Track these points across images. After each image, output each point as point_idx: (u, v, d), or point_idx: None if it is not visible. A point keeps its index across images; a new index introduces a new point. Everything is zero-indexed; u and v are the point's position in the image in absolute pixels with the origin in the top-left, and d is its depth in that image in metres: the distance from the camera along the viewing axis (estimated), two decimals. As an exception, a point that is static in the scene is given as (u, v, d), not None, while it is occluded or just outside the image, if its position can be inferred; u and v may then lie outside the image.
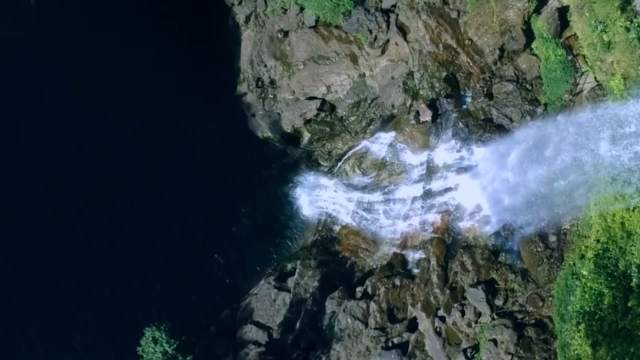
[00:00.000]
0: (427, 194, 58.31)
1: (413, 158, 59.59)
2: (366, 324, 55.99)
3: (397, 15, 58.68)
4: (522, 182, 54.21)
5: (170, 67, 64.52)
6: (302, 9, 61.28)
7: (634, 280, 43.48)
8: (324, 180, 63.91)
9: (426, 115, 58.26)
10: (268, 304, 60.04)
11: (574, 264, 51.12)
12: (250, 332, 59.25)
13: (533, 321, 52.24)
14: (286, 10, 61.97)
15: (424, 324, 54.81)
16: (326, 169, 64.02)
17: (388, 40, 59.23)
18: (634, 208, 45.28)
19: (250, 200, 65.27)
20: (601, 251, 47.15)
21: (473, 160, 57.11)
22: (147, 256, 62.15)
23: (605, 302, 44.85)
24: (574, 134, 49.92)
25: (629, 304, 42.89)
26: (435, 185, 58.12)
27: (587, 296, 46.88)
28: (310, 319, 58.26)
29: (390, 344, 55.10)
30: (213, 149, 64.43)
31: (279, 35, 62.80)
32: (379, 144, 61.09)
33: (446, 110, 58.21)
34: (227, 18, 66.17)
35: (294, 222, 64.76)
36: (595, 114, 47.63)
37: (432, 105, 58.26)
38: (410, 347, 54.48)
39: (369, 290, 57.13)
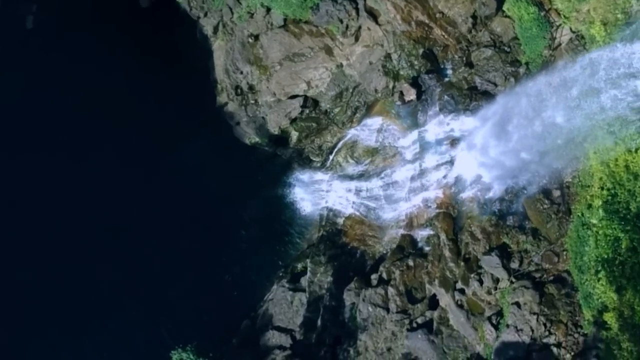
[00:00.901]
0: (425, 172, 58.45)
1: (404, 139, 59.66)
2: (387, 310, 56.08)
3: (365, 0, 58.68)
4: (517, 143, 54.46)
5: (148, 93, 64.43)
6: (268, 10, 61.19)
7: (650, 221, 43.85)
8: (318, 175, 63.89)
9: (410, 94, 58.44)
10: (285, 307, 60.00)
11: (582, 214, 51.55)
12: (273, 337, 59.17)
13: (552, 278, 52.57)
14: (253, 14, 61.86)
15: (445, 299, 55.02)
16: (319, 164, 64.02)
17: (360, 27, 59.31)
18: (637, 149, 45.63)
19: (248, 208, 64.99)
20: (609, 197, 47.52)
21: (465, 130, 57.28)
22: (151, 280, 61.78)
23: (623, 246, 45.21)
24: (561, 86, 50.22)
25: (648, 243, 43.17)
26: (431, 161, 58.27)
27: (602, 244, 47.26)
28: (331, 314, 58.23)
29: (414, 325, 55.24)
30: (203, 163, 64.22)
31: (250, 40, 62.70)
32: (368, 130, 61.14)
33: (429, 86, 58.43)
34: (195, 32, 65.89)
35: (296, 222, 64.64)
36: (581, 64, 47.94)
37: (415, 83, 58.48)
38: (435, 324, 54.66)
39: (384, 275, 57.22)
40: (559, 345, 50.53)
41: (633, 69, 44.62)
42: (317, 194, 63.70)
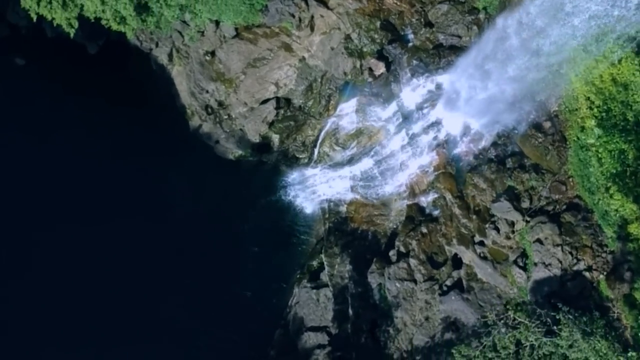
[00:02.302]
0: (413, 139, 58.71)
1: (384, 112, 59.87)
2: (415, 281, 56.30)
3: (311, -12, 59.01)
4: (496, 88, 54.95)
5: (118, 135, 63.74)
6: (217, 23, 60.94)
7: (650, 124, 44.42)
8: (309, 171, 63.93)
9: (379, 68, 58.71)
10: (313, 306, 60.01)
11: (578, 138, 52.26)
12: (309, 338, 59.16)
13: (565, 207, 53.18)
14: (203, 32, 61.59)
15: (467, 255, 55.39)
16: (306, 160, 64.01)
17: (312, 17, 59.43)
18: (620, 60, 46.18)
19: (248, 222, 64.53)
20: (603, 114, 48.09)
21: (441, 88, 57.59)
22: (173, 316, 61.23)
23: (631, 157, 45.78)
24: (526, 22, 50.71)
25: (655, 147, 43.73)
26: (417, 127, 58.54)
27: (608, 160, 47.80)
28: (360, 301, 58.37)
29: (445, 288, 55.54)
30: (193, 189, 64.01)
31: (207, 58, 62.49)
32: (346, 114, 61.27)
33: (395, 55, 58.68)
34: (150, 65, 65.36)
35: (299, 222, 64.61)
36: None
37: (381, 56, 58.74)
38: (464, 282, 55.01)
39: (402, 249, 57.41)
40: (589, 269, 51.15)
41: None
42: (312, 189, 63.75)
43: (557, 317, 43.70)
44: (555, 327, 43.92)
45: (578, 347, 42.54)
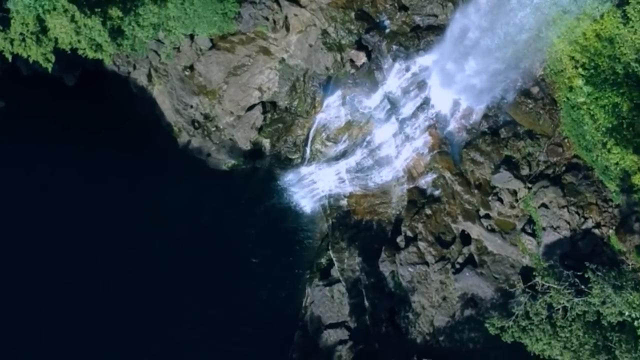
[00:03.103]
0: (404, 123, 58.77)
1: (371, 102, 59.96)
2: (427, 263, 56.45)
3: (281, -10, 58.99)
4: (479, 60, 55.17)
5: (108, 163, 63.65)
6: (192, 37, 60.77)
7: (641, 73, 44.68)
8: (304, 170, 63.90)
9: (360, 58, 58.83)
10: (328, 303, 60.01)
11: (568, 98, 52.59)
12: (329, 336, 59.19)
13: (564, 168, 53.58)
14: (179, 48, 61.43)
15: (474, 230, 55.61)
16: (299, 160, 63.96)
17: (286, 17, 59.48)
18: (602, 15, 46.45)
19: (250, 230, 64.35)
20: (592, 70, 48.35)
21: (425, 69, 57.72)
22: (190, 330, 61.23)
23: (625, 109, 46.08)
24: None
25: (651, 95, 44.02)
26: (406, 111, 58.64)
27: (602, 115, 48.11)
28: (375, 291, 58.45)
29: (457, 266, 55.76)
30: (191, 205, 63.60)
31: (187, 73, 62.34)
32: (332, 109, 61.33)
33: (374, 43, 58.76)
34: (130, 88, 65.01)
35: (302, 223, 64.57)
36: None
37: (360, 46, 58.81)
38: (476, 257, 55.27)
39: (409, 233, 57.54)
40: (598, 225, 51.56)
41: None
42: (309, 187, 63.76)
43: (586, 275, 43.86)
44: (584, 287, 44.08)
45: (611, 302, 42.71)
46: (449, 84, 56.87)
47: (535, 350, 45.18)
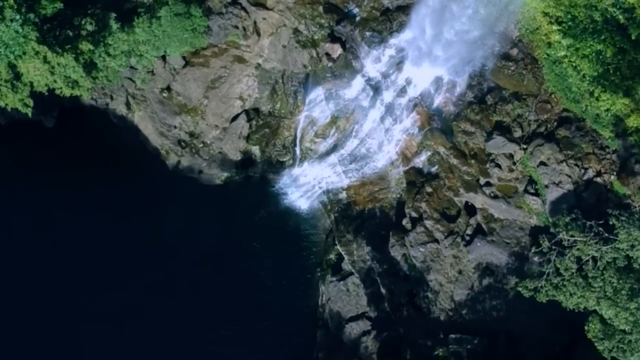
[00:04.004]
0: (390, 107, 58.88)
1: (353, 91, 60.03)
2: (437, 241, 56.66)
3: (246, -4, 58.92)
4: (453, 32, 55.43)
5: (101, 196, 63.18)
6: (164, 58, 60.48)
7: (620, 17, 44.86)
8: (297, 170, 63.94)
9: (336, 50, 58.95)
10: (345, 297, 60.06)
11: (548, 54, 52.99)
12: (352, 329, 59.30)
13: (556, 124, 54.00)
14: (152, 71, 61.08)
15: (478, 200, 55.85)
16: (291, 161, 63.93)
17: (255, 22, 59.40)
18: (571, -32, 46.80)
19: (254, 240, 64.07)
20: (569, 23, 48.59)
21: (401, 50, 57.81)
22: (208, 342, 61.26)
23: (609, 54, 46.33)
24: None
25: (633, 38, 44.21)
26: (389, 94, 58.77)
27: (585, 65, 48.45)
28: (389, 277, 58.61)
29: (467, 238, 56.03)
30: (190, 226, 63.38)
31: (165, 95, 62.02)
32: (316, 105, 61.40)
33: (347, 33, 58.85)
34: (110, 119, 64.52)
35: (304, 223, 64.59)
36: None
37: (334, 38, 58.86)
38: (484, 226, 55.54)
39: (414, 214, 57.72)
40: (599, 174, 52.01)
41: None
42: (306, 186, 63.78)
43: (610, 222, 44.18)
44: (609, 235, 44.36)
45: None
46: (427, 61, 57.12)
47: (570, 305, 45.43)
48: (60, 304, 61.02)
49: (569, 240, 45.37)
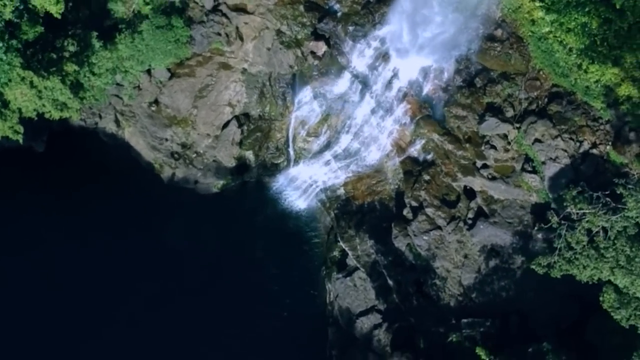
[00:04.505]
0: (379, 99, 58.89)
1: (341, 87, 60.02)
2: (439, 227, 56.80)
3: (225, 2, 58.62)
4: (436, 18, 55.58)
5: (99, 216, 62.77)
6: (149, 72, 60.35)
7: (603, -14, 45.04)
8: (293, 171, 63.95)
9: (320, 48, 58.97)
10: (353, 292, 60.07)
11: (532, 32, 53.16)
12: (363, 323, 59.32)
13: (547, 100, 54.21)
14: (139, 86, 60.94)
15: (476, 183, 56.00)
16: (285, 163, 63.92)
17: (237, 27, 59.32)
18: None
19: (255, 245, 63.86)
20: (552, -1, 48.79)
21: (386, 42, 57.78)
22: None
23: (595, 26, 46.39)
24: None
25: (618, 6, 44.31)
26: (378, 87, 58.77)
27: (571, 38, 48.50)
28: (395, 268, 58.63)
29: (469, 222, 56.19)
30: (191, 238, 63.09)
31: (153, 108, 61.89)
32: (305, 104, 61.37)
33: (330, 29, 58.81)
34: (100, 138, 64.28)
35: (304, 223, 64.57)
36: None
37: (318, 36, 58.88)
38: (485, 208, 55.71)
39: (414, 203, 57.81)
40: (594, 145, 52.27)
41: None
42: (303, 186, 63.71)
43: (618, 191, 44.38)
44: (616, 204, 44.58)
45: None
46: (412, 49, 57.16)
47: (584, 277, 45.64)
48: (66, 325, 60.50)
49: (577, 213, 45.54)
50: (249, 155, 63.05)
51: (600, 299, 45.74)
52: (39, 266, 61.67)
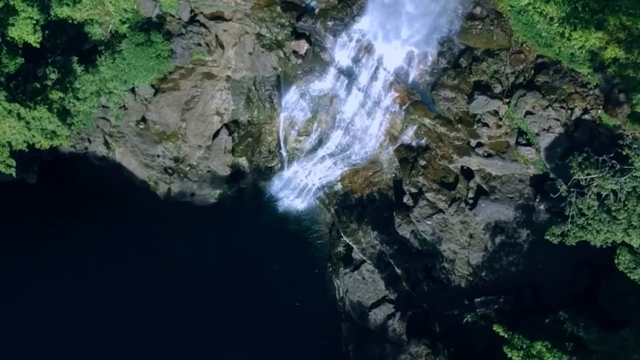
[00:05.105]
0: (367, 91, 58.86)
1: (327, 83, 60.03)
2: (441, 211, 56.88)
3: (202, 12, 58.50)
4: (415, 4, 55.62)
5: (101, 243, 62.67)
6: (133, 91, 60.14)
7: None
8: (287, 173, 63.98)
9: (302, 46, 58.86)
10: (363, 285, 60.09)
11: (511, 6, 53.40)
12: (376, 315, 59.36)
13: (533, 71, 54.36)
14: (124, 105, 60.69)
15: (472, 162, 56.18)
16: (279, 165, 63.84)
17: (217, 36, 59.14)
18: None
19: (258, 250, 63.80)
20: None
21: (366, 32, 57.74)
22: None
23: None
24: None
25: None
26: (364, 78, 58.71)
27: (552, 8, 48.92)
28: (402, 256, 58.73)
29: (470, 201, 56.37)
30: (195, 249, 63.17)
31: (141, 126, 61.60)
32: (293, 104, 61.28)
33: (309, 27, 58.65)
34: (92, 162, 63.90)
35: (305, 222, 64.69)
36: None
37: (298, 35, 58.80)
38: (485, 187, 55.87)
39: (413, 190, 57.87)
40: (585, 111, 52.55)
41: None
42: (299, 187, 63.74)
43: (624, 152, 44.61)
44: (622, 166, 44.79)
45: None
46: (394, 37, 57.22)
47: (598, 242, 45.85)
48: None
49: (585, 179, 45.70)
50: (243, 161, 62.95)
51: (615, 261, 45.93)
52: (43, 300, 61.43)
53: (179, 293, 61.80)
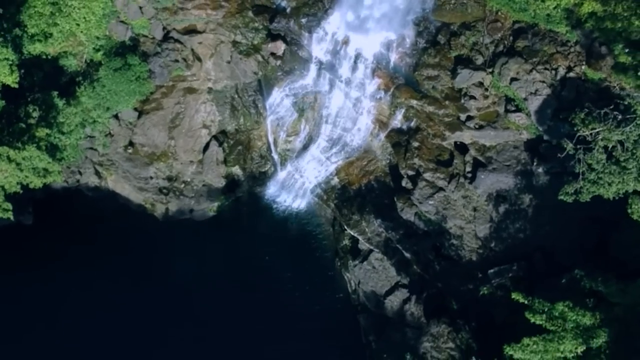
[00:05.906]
0: (349, 81, 58.90)
1: (309, 80, 60.01)
2: (442, 189, 57.07)
3: (174, 28, 58.31)
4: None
5: (106, 276, 61.33)
6: (117, 117, 59.83)
7: None
8: (281, 175, 63.94)
9: (279, 47, 58.83)
10: (374, 275, 60.14)
11: (487, -24, 53.57)
12: (392, 302, 59.38)
13: (512, 38, 54.83)
14: (110, 132, 60.37)
15: (465, 136, 56.44)
16: (272, 169, 63.71)
17: (192, 49, 58.95)
18: None
19: (263, 257, 63.40)
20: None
21: (341, 24, 57.76)
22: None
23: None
24: None
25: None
26: (345, 70, 58.74)
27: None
28: (410, 239, 58.76)
29: (468, 175, 56.61)
30: (202, 265, 62.49)
31: (130, 150, 61.29)
32: (278, 107, 61.23)
33: (284, 27, 58.56)
34: (86, 195, 63.48)
35: (306, 222, 64.48)
36: None
37: (274, 36, 58.71)
38: (481, 158, 56.12)
39: (410, 172, 58.03)
40: (569, 69, 53.02)
41: None
42: (296, 187, 63.62)
43: (625, 102, 44.89)
44: (624, 116, 45.11)
45: None
46: (369, 25, 57.31)
47: (611, 195, 46.09)
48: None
49: (590, 134, 45.95)
50: (236, 170, 62.77)
51: (629, 210, 46.10)
52: (50, 343, 60.45)
53: (190, 313, 60.86)
